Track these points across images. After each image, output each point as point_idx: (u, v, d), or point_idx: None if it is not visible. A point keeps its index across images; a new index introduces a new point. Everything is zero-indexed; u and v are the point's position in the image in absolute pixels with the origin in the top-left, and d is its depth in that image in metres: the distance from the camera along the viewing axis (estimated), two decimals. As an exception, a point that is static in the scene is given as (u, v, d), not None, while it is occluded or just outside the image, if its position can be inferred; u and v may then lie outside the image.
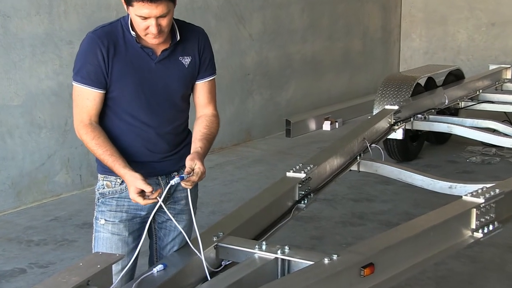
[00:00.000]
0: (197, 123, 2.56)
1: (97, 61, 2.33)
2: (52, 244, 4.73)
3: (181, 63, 2.45)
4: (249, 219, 2.75)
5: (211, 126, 2.54)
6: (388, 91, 6.62)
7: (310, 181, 3.39)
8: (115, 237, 2.50)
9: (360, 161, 4.30)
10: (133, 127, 2.43)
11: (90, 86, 2.35)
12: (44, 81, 5.68)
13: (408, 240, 2.57)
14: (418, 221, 2.79)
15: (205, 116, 2.57)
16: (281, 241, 2.66)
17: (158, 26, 2.27)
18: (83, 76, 2.35)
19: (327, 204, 5.58)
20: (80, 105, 2.39)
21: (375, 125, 4.96)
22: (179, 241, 2.63)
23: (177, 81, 2.45)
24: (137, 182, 2.29)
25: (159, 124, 2.45)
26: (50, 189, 5.79)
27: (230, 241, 2.47)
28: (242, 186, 6.24)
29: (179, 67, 2.45)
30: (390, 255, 2.47)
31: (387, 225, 5.02)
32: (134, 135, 2.44)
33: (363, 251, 2.40)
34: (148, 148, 2.46)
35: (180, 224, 2.58)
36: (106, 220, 2.50)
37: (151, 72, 2.39)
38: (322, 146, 7.62)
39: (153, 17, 2.25)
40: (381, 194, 5.90)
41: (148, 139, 2.45)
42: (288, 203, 3.17)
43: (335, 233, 4.92)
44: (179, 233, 2.62)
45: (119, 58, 2.34)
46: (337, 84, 10.40)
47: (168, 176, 2.54)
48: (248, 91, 8.31)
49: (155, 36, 2.29)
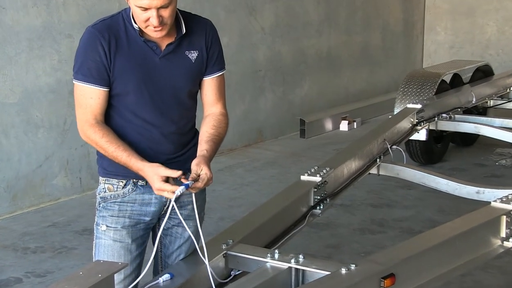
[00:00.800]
0: (204, 123, 2.56)
1: (99, 56, 2.33)
2: (50, 252, 4.75)
3: (187, 58, 2.45)
4: (260, 225, 2.75)
5: (219, 126, 2.54)
6: (410, 88, 6.60)
7: (326, 185, 3.39)
8: (117, 244, 2.51)
9: (380, 164, 4.29)
10: (136, 127, 2.44)
11: (93, 84, 2.36)
12: (42, 77, 5.71)
13: (432, 250, 2.56)
14: (443, 228, 2.78)
15: (213, 115, 2.57)
16: (295, 249, 2.65)
17: (159, 18, 2.27)
18: (84, 74, 2.35)
19: (345, 210, 5.57)
20: (83, 105, 2.39)
21: (397, 125, 4.94)
22: (185, 249, 2.63)
23: (183, 77, 2.46)
24: (159, 169, 2.30)
25: (163, 123, 2.46)
26: (48, 192, 5.83)
27: (240, 249, 2.48)
28: (253, 190, 6.24)
29: (185, 62, 2.45)
30: (412, 265, 2.46)
31: (409, 233, 5.01)
32: (138, 135, 2.44)
33: (383, 261, 2.40)
34: (152, 148, 2.46)
35: (186, 231, 2.58)
36: (108, 226, 2.51)
37: (155, 67, 2.39)
38: (339, 147, 7.61)
39: (153, 8, 2.24)
40: (402, 200, 5.88)
41: (152, 139, 2.46)
42: (302, 208, 3.17)
43: (353, 241, 4.91)
44: (186, 240, 2.62)
45: (121, 53, 2.35)
46: (355, 81, 10.39)
47: (174, 179, 2.54)
48: (260, 88, 8.32)
49: (156, 28, 2.29)
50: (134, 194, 2.49)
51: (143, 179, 2.45)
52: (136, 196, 2.49)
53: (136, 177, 2.45)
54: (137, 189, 2.50)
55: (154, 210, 2.52)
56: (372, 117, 9.72)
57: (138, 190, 2.50)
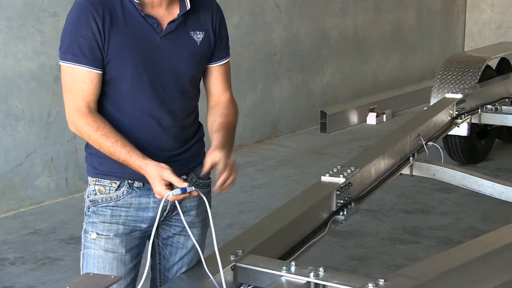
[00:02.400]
0: (211, 114, 2.56)
1: (92, 33, 2.32)
2: (31, 263, 4.78)
3: (192, 39, 2.46)
4: (274, 234, 2.75)
5: (228, 114, 2.55)
6: (449, 75, 6.58)
7: (351, 188, 3.39)
8: (109, 254, 2.50)
9: (414, 163, 4.28)
10: (132, 118, 2.43)
11: (86, 65, 2.34)
12: (22, 62, 5.74)
13: (474, 262, 2.56)
14: (487, 238, 2.77)
15: (221, 103, 2.57)
16: (314, 261, 2.66)
17: None
18: (75, 53, 2.33)
19: (372, 216, 5.57)
20: (74, 90, 2.37)
21: (433, 118, 4.93)
22: (188, 260, 2.63)
23: (187, 60, 2.46)
24: (164, 172, 2.29)
25: (163, 114, 2.45)
26: (29, 195, 5.86)
27: (251, 260, 2.48)
28: (265, 193, 6.25)
29: (189, 44, 2.45)
30: (450, 281, 2.46)
31: (447, 243, 5.01)
32: (134, 128, 2.43)
33: (416, 276, 2.39)
34: (151, 144, 2.44)
35: (189, 240, 2.58)
36: (99, 233, 2.50)
37: (156, 48, 2.39)
38: (365, 144, 7.59)
39: None
40: (439, 205, 5.86)
41: (150, 133, 2.44)
42: (323, 214, 3.17)
43: (382, 252, 4.91)
44: (189, 250, 2.62)
45: (117, 30, 2.34)
46: (385, 67, 10.36)
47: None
48: (274, 75, 8.31)
49: None
50: (129, 197, 2.48)
51: (139, 180, 2.45)
52: (132, 200, 2.48)
53: (131, 177, 2.44)
54: (132, 191, 2.48)
55: (152, 216, 2.51)
56: (405, 108, 9.69)
57: (134, 193, 2.48)
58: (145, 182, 2.44)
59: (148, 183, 2.41)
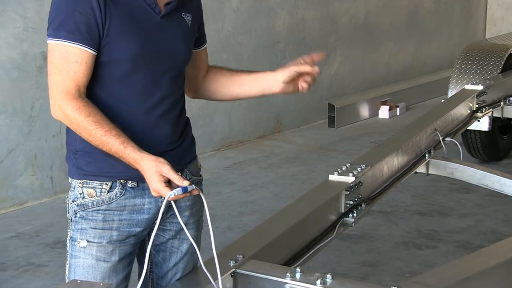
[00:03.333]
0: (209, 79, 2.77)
1: (91, 9, 2.29)
2: (12, 270, 4.79)
3: (184, 21, 2.52)
4: (278, 237, 2.75)
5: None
6: (469, 65, 6.57)
7: (361, 187, 3.39)
8: (101, 264, 2.48)
9: (430, 160, 4.28)
10: (129, 106, 2.41)
11: (81, 43, 2.30)
12: (3, 50, 5.74)
13: (496, 269, 2.56)
14: (510, 242, 2.77)
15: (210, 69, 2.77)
16: (321, 268, 2.66)
17: None
18: (70, 30, 2.29)
19: (384, 219, 5.58)
20: (64, 71, 2.31)
21: (451, 111, 4.93)
22: (183, 265, 2.63)
23: (183, 42, 2.52)
24: (163, 167, 2.25)
25: (161, 99, 2.46)
26: (10, 195, 5.86)
27: (253, 266, 2.48)
28: (268, 193, 6.26)
29: (182, 26, 2.51)
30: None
31: (467, 248, 5.01)
32: (130, 118, 2.41)
33: (433, 283, 2.39)
34: (148, 134, 2.42)
35: (184, 243, 2.59)
36: (89, 241, 2.46)
37: (156, 29, 2.42)
38: (377, 140, 7.60)
39: None
40: (458, 206, 5.87)
41: (148, 121, 2.43)
42: (331, 216, 3.17)
43: (395, 257, 4.92)
44: (184, 255, 2.62)
45: (116, 8, 2.33)
46: (398, 56, 10.35)
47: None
48: (278, 65, 8.30)
49: None
50: (122, 199, 2.46)
51: (132, 179, 2.43)
52: (126, 202, 2.46)
53: (124, 176, 2.43)
54: (126, 192, 2.46)
55: (147, 218, 2.50)
56: (420, 101, 9.69)
57: (128, 194, 2.46)
58: (139, 181, 2.43)
59: (142, 182, 2.40)
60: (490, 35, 11.49)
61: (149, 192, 2.38)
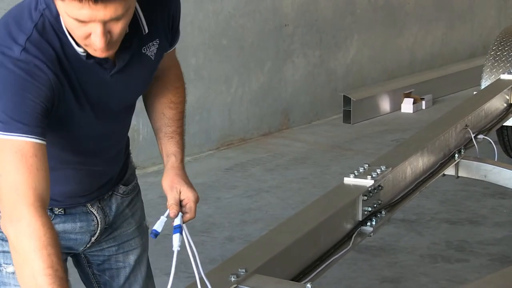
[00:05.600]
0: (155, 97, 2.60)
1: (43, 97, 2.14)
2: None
3: (145, 57, 2.39)
4: (285, 249, 2.76)
5: (178, 102, 2.60)
6: (506, 51, 6.57)
7: (381, 192, 3.39)
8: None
9: (460, 161, 4.29)
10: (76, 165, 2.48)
11: (39, 137, 2.15)
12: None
13: (534, 285, 2.56)
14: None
15: (167, 81, 2.61)
16: (335, 284, 2.67)
17: (106, 36, 2.08)
18: (26, 122, 2.12)
19: (408, 228, 5.59)
20: (23, 171, 2.11)
21: (485, 105, 4.94)
22: (136, 278, 2.72)
23: (142, 83, 2.47)
24: None
25: (109, 145, 2.53)
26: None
27: (257, 282, 2.49)
28: (275, 198, 6.26)
29: (143, 64, 2.40)
30: (506, 307, 2.47)
31: (502, 261, 5.02)
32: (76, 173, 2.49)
33: (463, 301, 2.40)
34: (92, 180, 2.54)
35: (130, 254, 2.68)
36: None
37: (105, 86, 2.33)
38: (399, 137, 7.59)
39: (98, 22, 2.04)
40: (492, 214, 5.87)
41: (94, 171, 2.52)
42: (346, 225, 3.18)
43: (420, 273, 4.92)
44: (132, 268, 2.69)
45: (66, 83, 2.22)
46: (425, 42, 10.36)
47: (100, 199, 2.60)
48: (286, 52, 8.32)
49: (101, 49, 2.12)
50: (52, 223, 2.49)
51: (59, 206, 2.50)
52: (55, 226, 2.42)
53: (52, 203, 2.38)
54: (55, 217, 2.52)
55: (81, 239, 2.59)
56: (449, 93, 9.69)
57: (57, 219, 2.53)
58: (66, 208, 2.52)
59: (69, 208, 2.52)
60: (530, 17, 11.50)
61: (79, 216, 2.54)
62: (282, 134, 8.22)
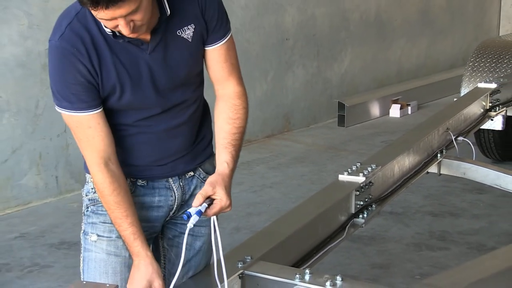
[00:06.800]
0: (218, 112, 2.56)
1: (82, 76, 2.30)
2: (17, 271, 4.81)
3: (181, 39, 2.43)
4: (286, 238, 2.76)
5: (236, 118, 2.56)
6: (482, 63, 6.56)
7: (372, 188, 3.39)
8: (112, 258, 2.53)
9: (442, 160, 4.29)
10: (137, 128, 2.48)
11: (86, 110, 2.34)
12: (7, 48, 5.76)
13: (509, 271, 2.55)
14: (524, 244, 2.77)
15: (226, 99, 2.56)
16: (331, 269, 2.67)
17: (129, 24, 2.21)
18: (71, 101, 2.32)
19: (396, 220, 5.58)
20: (84, 138, 2.38)
21: (464, 110, 4.92)
22: (195, 263, 2.68)
23: (183, 63, 2.46)
24: (156, 281, 2.40)
25: (170, 118, 2.50)
26: (14, 195, 5.88)
27: (261, 268, 2.49)
28: (277, 193, 6.26)
29: (180, 46, 2.43)
30: (483, 291, 2.46)
31: (479, 250, 5.01)
32: (140, 138, 2.49)
33: (445, 286, 2.39)
34: (158, 149, 2.52)
35: (197, 240, 2.64)
36: (99, 235, 2.53)
37: (148, 65, 2.39)
38: (388, 139, 7.59)
39: (118, 18, 2.19)
40: (471, 207, 5.86)
41: (158, 139, 2.50)
42: (341, 217, 3.18)
43: (406, 259, 4.92)
44: (196, 252, 2.66)
45: (105, 62, 2.33)
46: (410, 54, 10.34)
47: (182, 177, 2.58)
48: (287, 62, 8.32)
49: (128, 35, 2.25)
50: (132, 196, 2.51)
51: (142, 178, 2.51)
52: (135, 199, 2.51)
53: (134, 175, 2.50)
54: (136, 189, 2.53)
55: (157, 216, 2.57)
56: (432, 100, 9.68)
57: (138, 191, 2.53)
58: (149, 180, 2.53)
59: (152, 181, 2.52)
60: (504, 32, 11.47)
61: (159, 190, 2.53)
62: (283, 136, 8.22)
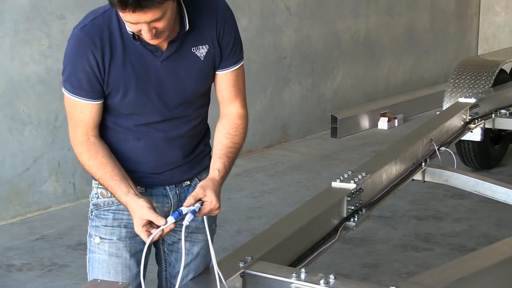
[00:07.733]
0: (219, 128, 2.55)
1: (90, 67, 2.31)
2: (37, 270, 4.80)
3: (194, 56, 2.40)
4: (284, 240, 2.76)
5: (234, 135, 2.53)
6: (463, 79, 6.57)
7: (362, 193, 3.38)
8: (113, 259, 2.53)
9: (426, 168, 4.28)
10: (135, 132, 2.46)
11: (84, 97, 2.35)
12: (29, 66, 5.76)
13: (488, 270, 2.55)
14: (502, 245, 2.76)
15: (229, 118, 2.54)
16: (325, 269, 2.67)
17: (152, 30, 2.21)
18: (74, 85, 2.34)
19: (384, 223, 5.57)
20: (74, 119, 2.40)
21: (446, 123, 4.92)
22: (194, 267, 2.65)
23: (191, 79, 2.43)
24: (141, 211, 2.29)
25: (169, 127, 2.47)
26: (35, 200, 5.88)
27: (261, 267, 2.48)
28: (275, 199, 6.25)
29: (192, 62, 2.41)
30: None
31: (461, 250, 5.00)
32: (137, 142, 2.47)
33: (429, 283, 2.39)
34: (155, 157, 2.50)
35: (195, 246, 2.62)
36: (102, 238, 2.53)
37: (157, 72, 2.37)
38: (377, 149, 7.58)
39: (143, 23, 2.18)
40: (452, 211, 5.86)
41: (155, 146, 2.48)
42: (333, 220, 3.17)
43: (394, 259, 4.91)
44: (195, 257, 2.65)
45: (116, 60, 2.32)
46: (397, 71, 10.35)
47: (178, 185, 2.56)
48: (284, 79, 8.32)
49: (149, 40, 2.25)
50: None
51: (141, 185, 2.50)
52: None
53: (135, 180, 2.47)
54: None
55: None
56: (417, 113, 9.67)
57: None
58: (147, 187, 2.52)
59: (150, 188, 2.51)
60: (482, 51, 11.48)
61: (156, 197, 2.52)
62: (281, 146, 8.21)
